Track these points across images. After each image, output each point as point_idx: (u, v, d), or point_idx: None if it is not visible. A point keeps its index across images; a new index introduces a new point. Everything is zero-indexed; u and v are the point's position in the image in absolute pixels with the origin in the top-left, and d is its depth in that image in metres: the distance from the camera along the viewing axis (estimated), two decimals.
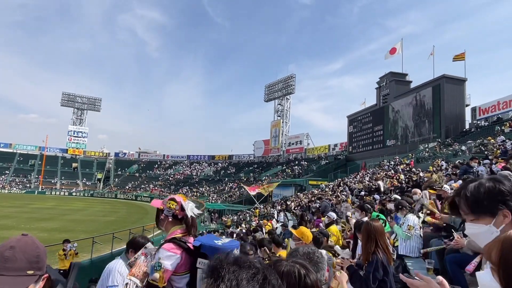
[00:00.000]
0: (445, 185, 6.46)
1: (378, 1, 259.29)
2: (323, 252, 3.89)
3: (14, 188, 67.25)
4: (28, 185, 71.57)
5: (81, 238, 14.48)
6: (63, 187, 72.95)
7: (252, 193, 34.94)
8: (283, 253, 4.41)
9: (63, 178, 77.59)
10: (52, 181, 74.90)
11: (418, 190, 7.61)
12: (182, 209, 2.13)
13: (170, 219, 2.14)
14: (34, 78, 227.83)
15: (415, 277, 1.32)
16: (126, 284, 1.96)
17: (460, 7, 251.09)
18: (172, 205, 2.12)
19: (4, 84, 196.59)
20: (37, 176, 74.75)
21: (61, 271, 10.09)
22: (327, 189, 26.16)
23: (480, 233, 1.29)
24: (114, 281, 2.70)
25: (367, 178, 22.30)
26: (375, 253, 3.06)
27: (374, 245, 3.09)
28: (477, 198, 1.30)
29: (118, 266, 2.83)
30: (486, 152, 16.14)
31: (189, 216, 2.13)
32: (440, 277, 1.54)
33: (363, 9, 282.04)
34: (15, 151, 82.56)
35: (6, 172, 74.27)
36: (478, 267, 2.29)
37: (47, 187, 70.45)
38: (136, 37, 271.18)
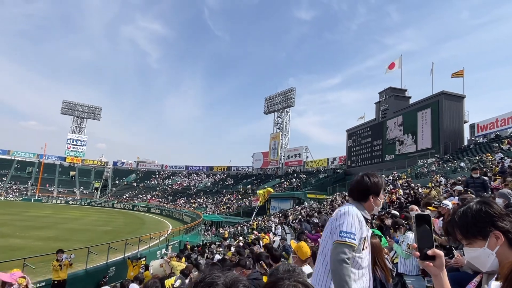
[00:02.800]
0: (444, 201, 6.39)
1: (375, 19, 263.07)
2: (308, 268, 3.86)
3: (11, 195, 66.73)
4: (24, 192, 71.11)
5: (76, 247, 14.31)
6: (60, 195, 72.47)
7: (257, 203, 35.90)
8: None
9: (60, 186, 77.22)
10: (49, 189, 74.50)
11: (416, 207, 7.57)
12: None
13: None
14: (35, 86, 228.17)
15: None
16: None
17: (456, 26, 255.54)
18: (22, 281, 2.73)
19: (5, 90, 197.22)
20: (34, 184, 74.27)
21: (56, 282, 9.94)
22: (325, 203, 26.04)
23: (476, 256, 1.31)
24: (353, 228, 2.03)
25: None
26: (373, 271, 3.03)
27: (372, 263, 3.06)
28: (465, 223, 1.33)
29: (357, 211, 2.14)
30: (484, 169, 16.14)
31: None
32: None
33: (360, 27, 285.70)
34: (13, 158, 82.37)
35: (3, 179, 73.94)
36: (478, 287, 2.27)
37: (43, 195, 69.97)
38: (138, 48, 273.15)
